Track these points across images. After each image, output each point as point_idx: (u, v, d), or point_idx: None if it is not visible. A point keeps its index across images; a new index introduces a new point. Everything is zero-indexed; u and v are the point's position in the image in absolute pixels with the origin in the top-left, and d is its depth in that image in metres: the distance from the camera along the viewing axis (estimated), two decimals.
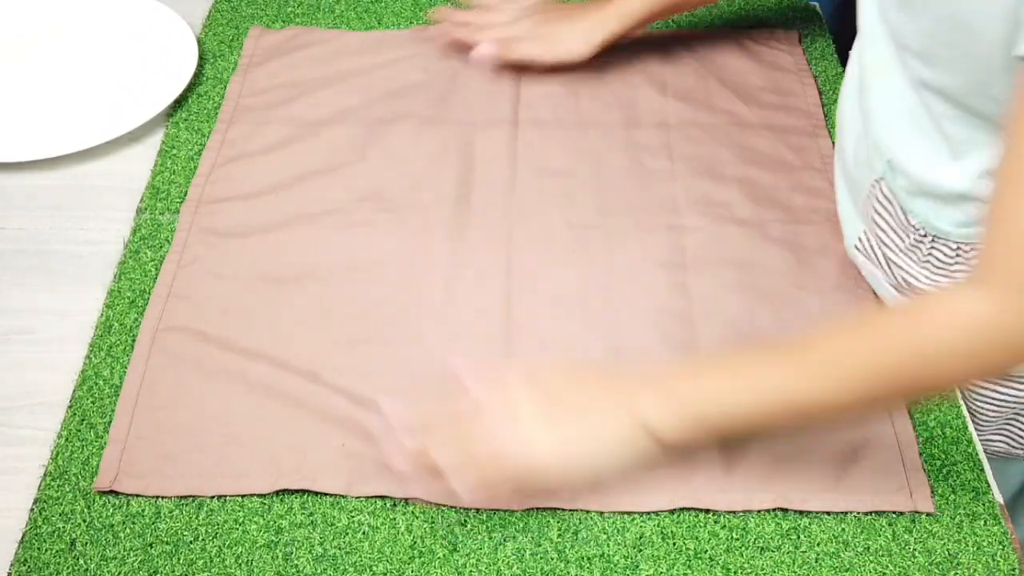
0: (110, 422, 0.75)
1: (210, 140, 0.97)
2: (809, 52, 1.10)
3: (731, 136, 0.99)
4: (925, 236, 0.77)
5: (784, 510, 0.71)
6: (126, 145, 0.98)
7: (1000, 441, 0.88)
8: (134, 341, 0.80)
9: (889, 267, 0.82)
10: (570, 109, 1.02)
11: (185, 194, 0.92)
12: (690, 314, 0.83)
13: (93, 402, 0.77)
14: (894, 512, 0.72)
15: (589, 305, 0.84)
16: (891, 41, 0.73)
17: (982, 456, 0.76)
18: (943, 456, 0.75)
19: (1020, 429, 0.86)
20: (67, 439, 0.74)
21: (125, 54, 1.07)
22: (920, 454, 0.74)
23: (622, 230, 0.90)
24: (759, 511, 0.72)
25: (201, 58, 1.07)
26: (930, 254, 0.78)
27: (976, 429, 0.80)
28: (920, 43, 0.69)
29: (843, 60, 1.06)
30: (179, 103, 1.02)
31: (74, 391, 0.77)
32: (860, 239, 0.84)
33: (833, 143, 0.97)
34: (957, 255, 0.76)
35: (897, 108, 0.75)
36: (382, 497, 0.72)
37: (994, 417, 0.84)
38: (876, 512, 0.72)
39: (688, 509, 0.71)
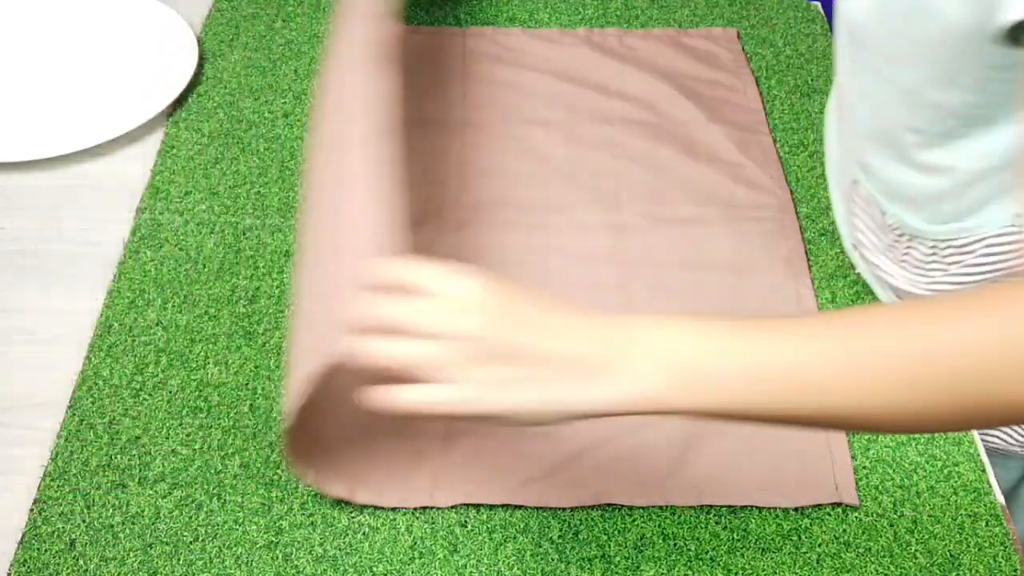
0: (110, 422, 0.75)
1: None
2: (810, 52, 1.10)
3: (675, 133, 0.99)
4: (902, 236, 0.77)
5: (785, 510, 0.71)
6: (126, 145, 0.98)
7: (997, 437, 0.88)
8: (134, 341, 0.80)
9: (869, 267, 0.82)
10: (511, 108, 1.02)
11: (185, 194, 0.92)
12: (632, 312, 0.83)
13: (93, 402, 0.77)
14: (894, 512, 0.71)
15: None
16: (851, 41, 0.73)
17: (983, 457, 0.76)
18: (944, 456, 0.75)
19: (1016, 426, 0.86)
20: (67, 439, 0.74)
21: (125, 54, 1.07)
22: (849, 446, 0.74)
23: (563, 228, 0.90)
24: (704, 507, 0.71)
25: (201, 58, 1.07)
26: (906, 254, 0.78)
27: None
28: (878, 37, 0.67)
29: None
30: (179, 103, 1.02)
31: (74, 391, 0.77)
32: (855, 240, 0.84)
33: (775, 140, 0.98)
34: (933, 253, 0.76)
35: (861, 112, 0.75)
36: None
37: None
38: (872, 512, 0.72)
39: (610, 505, 0.71)
